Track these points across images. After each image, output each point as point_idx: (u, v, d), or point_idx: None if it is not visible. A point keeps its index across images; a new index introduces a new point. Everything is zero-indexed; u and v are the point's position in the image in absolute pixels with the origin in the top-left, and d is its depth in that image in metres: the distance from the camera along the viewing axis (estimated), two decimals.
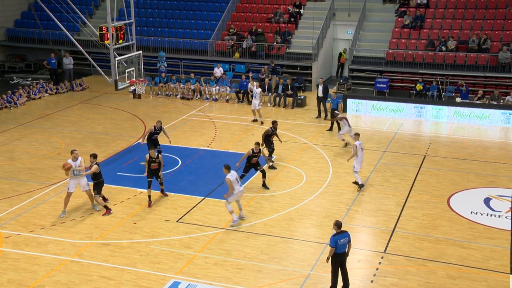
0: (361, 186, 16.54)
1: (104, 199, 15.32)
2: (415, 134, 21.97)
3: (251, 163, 16.35)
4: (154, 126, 17.94)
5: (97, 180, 14.87)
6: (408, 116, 23.62)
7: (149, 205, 15.35)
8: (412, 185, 16.95)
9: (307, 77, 27.95)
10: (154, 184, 15.73)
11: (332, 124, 21.89)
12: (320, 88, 23.43)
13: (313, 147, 20.15)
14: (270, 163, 18.05)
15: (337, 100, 22.19)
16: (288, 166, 18.34)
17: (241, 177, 16.00)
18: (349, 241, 11.51)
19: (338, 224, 11.45)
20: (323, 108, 23.46)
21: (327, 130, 21.85)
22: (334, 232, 11.42)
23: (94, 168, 14.65)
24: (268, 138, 18.29)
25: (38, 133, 21.51)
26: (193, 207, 15.41)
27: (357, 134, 16.89)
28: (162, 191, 15.96)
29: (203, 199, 15.91)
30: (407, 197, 16.13)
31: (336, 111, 20.82)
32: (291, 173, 17.79)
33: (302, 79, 27.56)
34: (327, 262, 11.57)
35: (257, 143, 16.36)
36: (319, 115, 23.50)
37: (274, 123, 18.49)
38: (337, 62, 30.21)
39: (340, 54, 29.62)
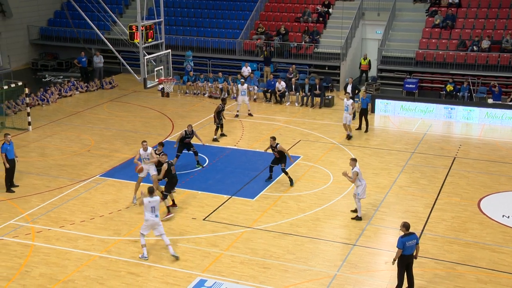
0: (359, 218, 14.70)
1: (173, 204, 15.16)
2: (445, 135, 21.64)
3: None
4: (185, 131, 17.82)
5: (168, 179, 14.78)
6: (437, 117, 23.29)
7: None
8: (441, 187, 16.71)
9: (335, 77, 27.77)
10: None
11: (360, 123, 21.75)
12: (349, 87, 23.25)
13: (341, 147, 20.02)
14: (215, 137, 20.29)
15: (367, 99, 21.67)
16: (315, 166, 18.27)
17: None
18: (417, 243, 11.40)
19: (406, 226, 11.34)
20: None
21: (356, 129, 21.70)
22: (402, 233, 11.32)
23: (164, 161, 14.94)
24: (219, 115, 20.28)
25: (69, 130, 21.89)
26: (220, 206, 15.47)
27: (354, 160, 14.81)
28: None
29: (230, 197, 15.96)
30: (436, 199, 15.91)
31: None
32: (318, 173, 17.72)
33: (330, 79, 27.39)
34: (393, 264, 11.40)
35: (273, 137, 16.74)
36: None
37: (223, 100, 20.85)
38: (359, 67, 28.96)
39: (361, 62, 28.23)
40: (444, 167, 18.22)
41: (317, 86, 25.19)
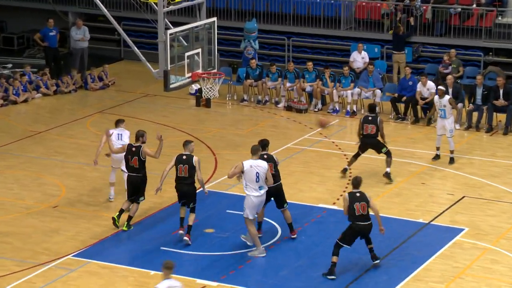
0: None
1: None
2: None
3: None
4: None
5: None
6: None
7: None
8: None
9: None
10: None
11: None
12: None
13: None
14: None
15: None
16: (494, 250, 17.78)
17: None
18: None
19: None
20: None
21: None
22: None
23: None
24: None
25: (20, 168, 22.32)
26: None
27: None
28: None
29: None
30: None
31: None
32: (500, 264, 17.29)
33: None
34: None
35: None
36: None
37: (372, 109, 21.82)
38: None
39: None
40: None
41: (501, 91, 24.69)
